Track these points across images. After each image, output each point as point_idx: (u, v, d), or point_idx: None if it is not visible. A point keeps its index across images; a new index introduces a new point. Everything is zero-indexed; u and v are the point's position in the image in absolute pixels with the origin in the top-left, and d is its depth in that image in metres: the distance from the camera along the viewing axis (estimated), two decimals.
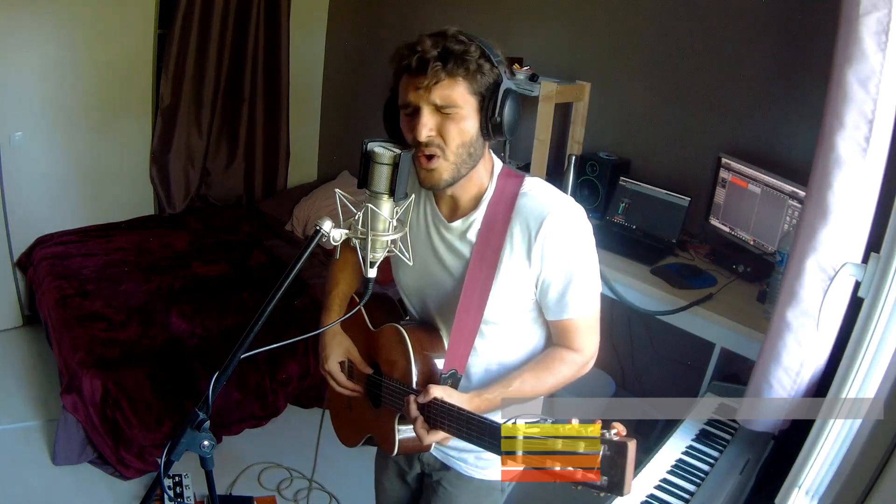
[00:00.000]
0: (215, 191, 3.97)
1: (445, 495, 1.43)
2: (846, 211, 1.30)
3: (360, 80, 3.91)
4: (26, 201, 3.21)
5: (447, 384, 1.23)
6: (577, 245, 1.19)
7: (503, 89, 1.12)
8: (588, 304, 1.23)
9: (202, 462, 1.14)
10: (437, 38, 1.11)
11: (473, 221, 1.22)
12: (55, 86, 3.20)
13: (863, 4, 1.19)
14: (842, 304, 1.37)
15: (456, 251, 1.25)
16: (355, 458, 2.45)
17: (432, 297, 1.31)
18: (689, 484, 1.45)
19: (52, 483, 2.40)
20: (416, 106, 1.12)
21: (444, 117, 1.12)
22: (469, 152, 1.15)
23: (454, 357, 1.25)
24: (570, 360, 1.25)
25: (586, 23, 2.85)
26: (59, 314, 2.77)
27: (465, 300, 1.22)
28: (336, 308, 1.42)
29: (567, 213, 1.18)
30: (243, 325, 1.08)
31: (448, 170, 1.15)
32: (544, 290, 1.21)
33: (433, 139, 1.13)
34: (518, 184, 1.21)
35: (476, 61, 1.10)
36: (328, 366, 1.40)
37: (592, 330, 1.26)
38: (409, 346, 1.25)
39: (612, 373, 2.71)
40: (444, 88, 1.10)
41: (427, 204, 1.28)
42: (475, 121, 1.14)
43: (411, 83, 1.11)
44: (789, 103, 2.27)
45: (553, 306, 1.22)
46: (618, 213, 2.67)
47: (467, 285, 1.21)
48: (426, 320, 1.35)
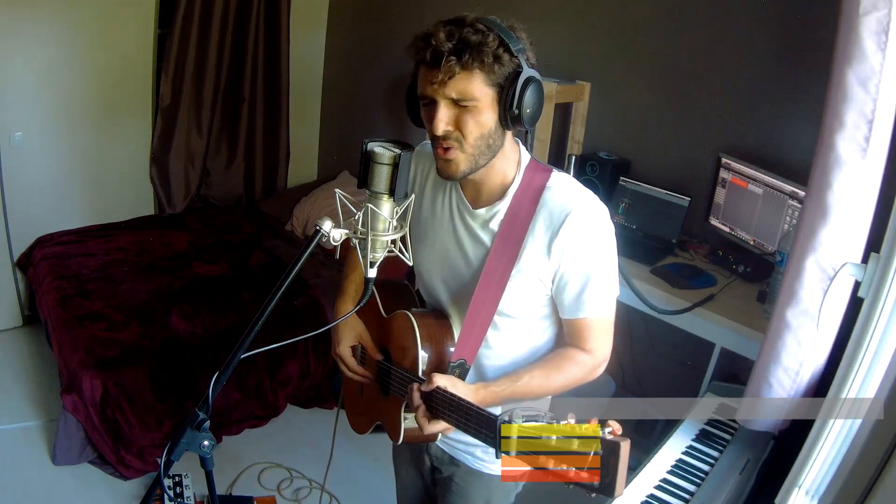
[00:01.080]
0: (215, 191, 3.97)
1: (458, 490, 1.43)
2: (846, 211, 1.30)
3: (360, 80, 3.91)
4: (26, 201, 3.21)
5: (455, 374, 1.22)
6: (599, 244, 1.19)
7: (522, 79, 1.09)
8: (604, 305, 1.22)
9: (202, 462, 1.14)
10: (453, 28, 1.07)
11: (498, 211, 1.21)
12: (55, 86, 3.20)
13: (863, 4, 1.19)
14: (842, 304, 1.37)
15: (478, 239, 1.24)
16: (357, 458, 2.45)
17: (449, 284, 1.31)
18: (689, 484, 1.45)
19: (52, 483, 2.40)
20: (432, 98, 1.11)
21: (462, 110, 1.10)
22: (488, 144, 1.14)
23: (464, 347, 1.24)
24: (580, 360, 1.24)
25: (586, 23, 2.85)
26: (59, 314, 2.77)
27: (482, 289, 1.21)
28: (352, 292, 1.42)
29: (591, 212, 1.18)
30: (243, 325, 1.08)
31: (465, 161, 1.14)
32: (561, 286, 1.20)
33: (450, 132, 1.12)
34: (545, 177, 1.21)
35: (493, 52, 1.07)
36: (339, 349, 1.40)
37: (606, 332, 1.25)
38: (416, 334, 1.24)
39: (612, 373, 2.71)
40: (460, 82, 1.08)
41: (453, 190, 1.27)
42: (493, 112, 1.11)
43: (427, 76, 1.10)
44: (789, 103, 2.27)
45: (569, 304, 1.21)
46: (618, 213, 2.67)
47: (485, 274, 1.21)
48: (439, 308, 1.34)
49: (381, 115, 3.81)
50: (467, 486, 1.42)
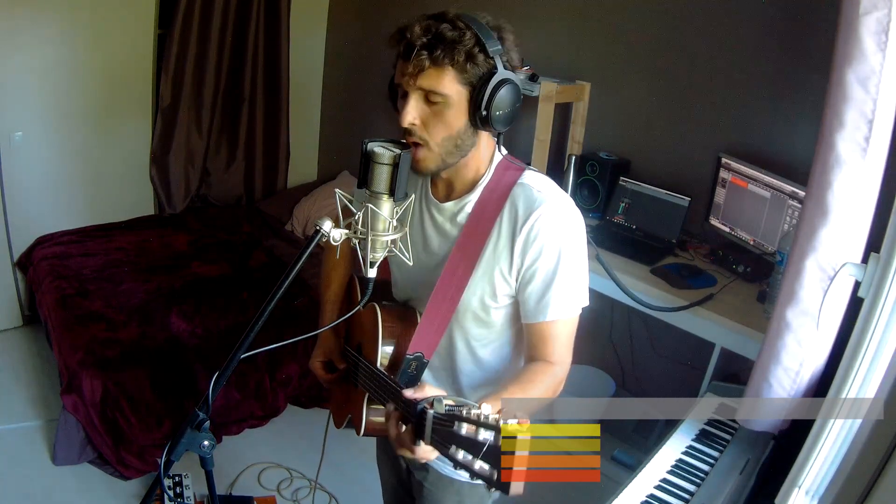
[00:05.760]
0: (215, 191, 3.97)
1: (430, 496, 1.42)
2: (846, 211, 1.30)
3: (360, 80, 3.91)
4: (26, 201, 3.21)
5: (411, 367, 1.21)
6: (565, 242, 1.15)
7: (495, 81, 1.07)
8: (569, 308, 1.17)
9: (202, 462, 1.15)
10: (431, 22, 1.07)
11: (466, 204, 1.20)
12: (55, 86, 3.20)
13: (863, 4, 1.18)
14: (842, 304, 1.37)
15: (444, 232, 1.23)
16: (356, 458, 2.45)
17: (414, 277, 1.30)
18: (689, 484, 1.45)
19: (52, 483, 2.40)
20: (404, 90, 1.10)
21: (431, 107, 1.09)
22: (456, 144, 1.13)
23: (422, 339, 1.22)
24: (551, 373, 1.17)
25: (586, 23, 2.85)
26: (59, 314, 2.77)
27: (444, 282, 1.19)
28: (328, 311, 1.45)
29: (560, 209, 1.15)
30: (243, 325, 1.08)
31: (432, 160, 1.14)
32: (524, 284, 1.17)
33: (416, 128, 1.10)
34: (517, 174, 1.19)
35: (467, 50, 1.05)
36: (310, 364, 1.45)
37: (570, 340, 1.20)
38: (379, 325, 1.25)
39: (612, 373, 2.71)
40: (430, 77, 1.07)
41: (423, 184, 1.26)
42: (464, 112, 1.10)
43: (401, 68, 1.10)
44: (789, 103, 2.27)
45: (532, 306, 1.17)
46: (618, 213, 2.67)
47: (448, 267, 1.19)
48: (406, 301, 1.34)
49: (380, 115, 3.81)
50: (437, 492, 1.41)
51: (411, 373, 1.24)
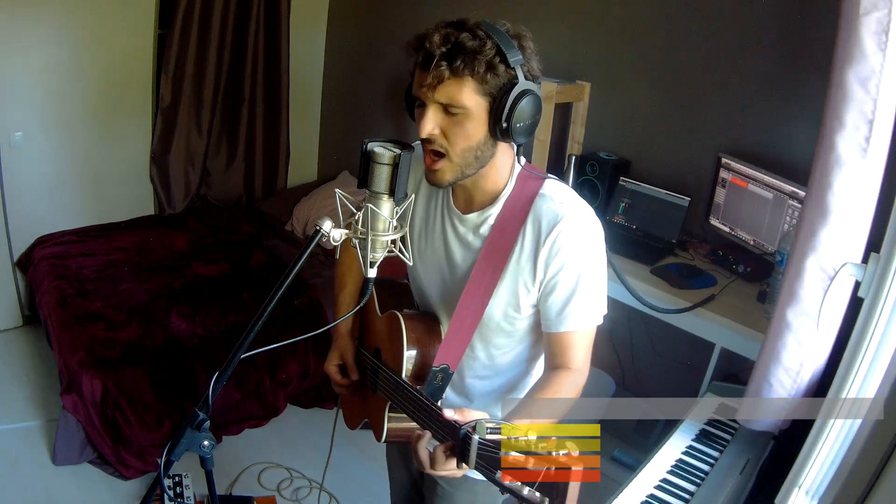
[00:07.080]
0: (215, 191, 3.97)
1: (444, 494, 1.43)
2: (846, 211, 1.30)
3: (360, 80, 3.91)
4: (26, 201, 3.21)
5: (437, 379, 1.21)
6: (587, 254, 1.16)
7: (516, 92, 1.05)
8: (589, 319, 1.18)
9: (202, 462, 1.15)
10: (450, 31, 1.04)
11: (489, 216, 1.20)
12: (55, 86, 3.20)
13: (863, 4, 1.18)
14: (842, 304, 1.37)
15: (467, 244, 1.23)
16: (356, 458, 2.45)
17: (438, 288, 1.30)
18: (689, 484, 1.45)
19: (52, 483, 2.40)
20: (422, 101, 1.09)
21: (451, 118, 1.07)
22: (476, 155, 1.11)
23: (448, 351, 1.22)
24: (572, 381, 1.18)
25: (586, 23, 2.85)
26: (59, 314, 2.77)
27: (468, 294, 1.20)
28: (343, 314, 1.43)
29: (582, 221, 1.15)
30: (243, 325, 1.08)
31: (451, 171, 1.12)
32: (546, 294, 1.18)
33: (436, 138, 1.09)
34: (538, 185, 1.18)
35: (488, 60, 1.03)
36: (325, 367, 1.42)
37: (589, 348, 1.21)
38: (403, 335, 1.24)
39: (612, 373, 2.71)
40: (449, 88, 1.05)
41: (444, 194, 1.26)
42: (484, 123, 1.08)
43: (419, 78, 1.08)
44: (789, 103, 2.27)
45: (554, 315, 1.18)
46: (618, 213, 2.67)
47: (473, 279, 1.19)
48: (430, 311, 1.34)
49: (381, 115, 3.81)
50: (453, 490, 1.41)
51: (437, 384, 1.23)
